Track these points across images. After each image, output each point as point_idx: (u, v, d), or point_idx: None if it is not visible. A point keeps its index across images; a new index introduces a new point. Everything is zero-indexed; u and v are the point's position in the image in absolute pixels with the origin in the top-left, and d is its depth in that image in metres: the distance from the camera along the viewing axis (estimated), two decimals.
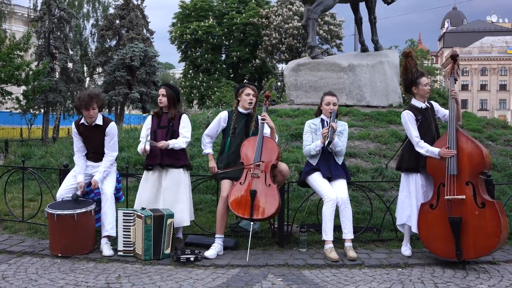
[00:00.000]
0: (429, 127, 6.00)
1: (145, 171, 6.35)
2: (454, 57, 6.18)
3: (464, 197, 5.53)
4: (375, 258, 5.91)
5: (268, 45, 36.88)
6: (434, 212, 5.72)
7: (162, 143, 6.10)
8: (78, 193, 6.16)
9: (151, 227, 5.75)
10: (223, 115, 6.42)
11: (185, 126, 6.35)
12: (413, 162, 6.01)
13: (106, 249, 5.97)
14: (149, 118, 6.48)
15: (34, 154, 11.14)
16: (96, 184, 6.17)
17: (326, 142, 5.96)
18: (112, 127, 6.36)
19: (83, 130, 6.32)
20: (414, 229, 5.96)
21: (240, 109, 6.39)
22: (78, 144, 6.38)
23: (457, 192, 5.58)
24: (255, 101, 6.39)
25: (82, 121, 6.32)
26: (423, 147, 5.86)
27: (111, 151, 6.33)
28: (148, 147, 6.11)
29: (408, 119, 6.03)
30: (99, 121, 6.29)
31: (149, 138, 6.20)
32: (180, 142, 6.22)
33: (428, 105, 6.12)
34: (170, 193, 6.14)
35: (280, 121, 10.90)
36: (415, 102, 6.14)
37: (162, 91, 6.34)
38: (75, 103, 6.32)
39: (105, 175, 6.26)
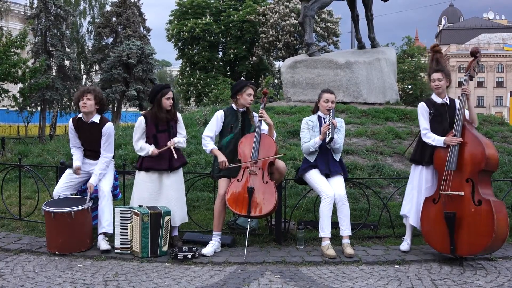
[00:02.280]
0: (441, 122, 5.97)
1: (142, 172, 6.23)
2: (473, 54, 6.08)
3: (462, 193, 5.55)
4: (372, 255, 5.92)
5: (265, 42, 36.85)
6: (436, 206, 5.75)
7: (171, 143, 6.13)
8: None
9: (148, 225, 5.74)
10: (220, 114, 6.39)
11: (182, 126, 6.41)
12: (418, 155, 6.09)
13: (104, 244, 5.97)
14: (142, 120, 6.29)
15: (31, 152, 11.12)
16: (92, 188, 6.15)
17: (328, 139, 5.95)
18: (109, 127, 6.31)
19: (80, 127, 6.30)
20: (412, 222, 6.03)
21: (238, 108, 6.37)
22: (74, 141, 6.36)
23: (454, 188, 5.61)
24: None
25: (80, 115, 6.31)
26: (429, 137, 5.93)
27: (106, 152, 6.29)
28: (157, 151, 6.12)
29: (420, 110, 6.12)
30: (96, 119, 6.27)
31: (171, 143, 6.16)
32: (182, 141, 6.31)
33: (446, 101, 6.08)
34: (173, 191, 6.15)
35: (277, 118, 10.89)
36: (433, 96, 6.16)
37: (171, 94, 6.25)
38: (74, 96, 6.34)
39: (100, 177, 6.24)
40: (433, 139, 5.89)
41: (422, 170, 6.04)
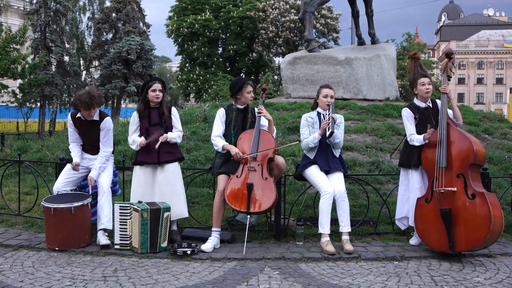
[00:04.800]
0: (426, 125, 6.02)
1: (137, 166, 6.31)
2: (448, 55, 6.25)
3: (455, 189, 5.59)
4: (371, 251, 5.93)
5: (265, 38, 36.78)
6: (429, 205, 5.81)
7: (163, 138, 6.12)
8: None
9: (148, 221, 5.74)
10: (221, 112, 6.38)
11: (177, 120, 6.40)
12: (405, 158, 6.20)
13: (103, 239, 5.98)
14: (135, 114, 6.38)
15: (31, 148, 11.13)
16: (92, 181, 6.15)
17: (328, 133, 5.95)
18: (107, 121, 6.31)
19: (79, 124, 6.29)
20: (411, 222, 6.10)
21: (238, 105, 6.37)
22: (73, 136, 6.35)
23: (446, 184, 5.65)
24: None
25: (79, 115, 6.28)
26: (413, 140, 6.07)
27: (105, 147, 6.30)
28: (145, 141, 6.13)
29: (405, 116, 6.25)
30: (96, 116, 6.26)
31: (163, 138, 6.15)
32: (176, 136, 6.28)
33: (429, 105, 6.20)
34: (167, 187, 6.14)
35: (277, 114, 10.89)
36: (416, 101, 6.28)
37: (158, 86, 6.24)
38: (74, 102, 6.20)
39: (100, 171, 6.24)
40: (416, 140, 6.04)
41: (412, 171, 6.13)
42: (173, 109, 6.44)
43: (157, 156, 6.15)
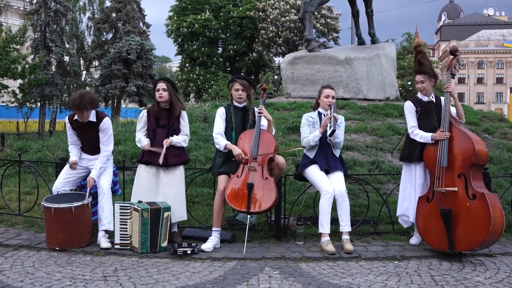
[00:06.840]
0: (428, 119, 6.05)
1: (142, 165, 6.28)
2: (453, 53, 6.19)
3: (456, 189, 5.59)
4: (371, 251, 5.93)
5: (265, 38, 36.79)
6: (430, 205, 5.81)
7: (167, 143, 6.06)
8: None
9: (148, 220, 5.74)
10: (221, 110, 6.37)
11: (185, 124, 6.33)
12: (407, 152, 6.17)
13: (104, 242, 5.97)
14: (144, 113, 6.36)
15: (31, 148, 11.12)
16: (92, 182, 6.13)
17: (330, 131, 5.94)
18: (106, 122, 6.29)
19: (77, 126, 6.28)
20: (412, 219, 6.10)
21: (235, 103, 6.37)
22: (72, 138, 6.35)
23: (447, 184, 5.66)
24: (245, 96, 6.33)
25: (76, 117, 6.27)
26: (417, 134, 6.02)
27: (106, 147, 6.28)
28: (151, 148, 6.10)
29: (407, 109, 6.20)
30: (92, 117, 6.23)
31: (166, 143, 6.09)
32: (181, 140, 6.22)
33: (432, 99, 6.17)
34: (171, 188, 6.12)
35: (277, 114, 10.89)
36: (419, 95, 6.25)
37: (162, 85, 6.20)
38: (68, 104, 6.22)
39: (101, 171, 6.23)
40: (420, 136, 5.98)
41: (413, 167, 6.11)
42: (183, 113, 6.33)
43: (165, 159, 6.11)
